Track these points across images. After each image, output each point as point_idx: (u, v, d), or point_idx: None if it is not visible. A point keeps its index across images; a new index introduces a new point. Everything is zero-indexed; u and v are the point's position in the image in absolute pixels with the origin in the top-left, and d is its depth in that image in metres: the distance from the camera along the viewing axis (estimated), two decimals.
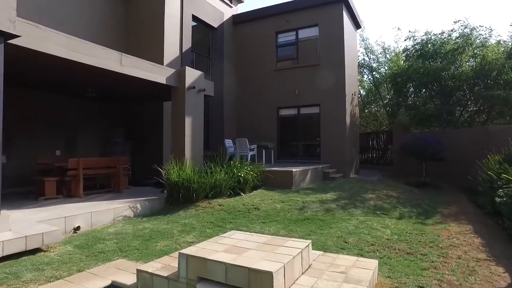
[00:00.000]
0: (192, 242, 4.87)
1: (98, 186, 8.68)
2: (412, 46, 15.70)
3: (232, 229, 5.57)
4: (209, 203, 7.09)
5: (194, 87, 8.16)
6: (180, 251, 2.98)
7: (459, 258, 4.07)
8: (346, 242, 4.77)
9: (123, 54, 6.64)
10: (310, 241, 3.26)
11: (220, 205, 6.96)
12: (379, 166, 16.26)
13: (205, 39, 13.24)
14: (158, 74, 7.51)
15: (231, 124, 13.87)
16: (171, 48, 10.39)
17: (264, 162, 11.29)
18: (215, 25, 13.05)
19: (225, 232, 5.05)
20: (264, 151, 11.61)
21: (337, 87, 12.23)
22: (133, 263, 3.97)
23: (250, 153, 11.07)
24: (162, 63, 9.49)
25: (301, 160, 12.90)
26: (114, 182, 8.21)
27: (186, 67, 8.10)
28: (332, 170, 11.40)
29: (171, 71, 7.93)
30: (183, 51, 11.11)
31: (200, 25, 12.58)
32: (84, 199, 7.14)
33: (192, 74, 8.28)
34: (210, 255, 2.84)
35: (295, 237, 5.07)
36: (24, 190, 7.81)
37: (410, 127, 15.32)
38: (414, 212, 6.95)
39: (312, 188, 8.99)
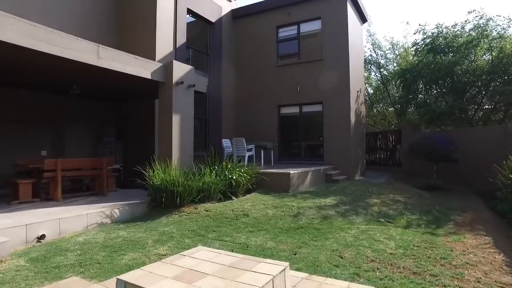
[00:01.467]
0: (164, 255, 4.26)
1: (85, 189, 8.18)
2: (422, 40, 14.79)
3: (215, 239, 4.95)
4: (195, 208, 6.47)
5: (182, 83, 7.56)
6: (119, 277, 2.35)
7: (478, 282, 3.34)
8: (341, 258, 4.08)
9: (100, 45, 6.07)
10: (287, 263, 2.59)
11: (207, 211, 6.33)
12: (387, 168, 15.44)
13: (203, 35, 12.66)
14: (141, 68, 6.93)
15: (230, 123, 13.25)
16: (164, 43, 9.81)
17: (262, 163, 10.65)
18: (213, 19, 12.45)
19: (203, 244, 4.45)
20: (262, 151, 10.96)
21: (341, 83, 11.50)
22: (86, 282, 3.35)
23: (248, 153, 10.43)
24: (154, 59, 8.91)
25: (304, 161, 12.21)
26: (99, 184, 7.65)
27: (174, 60, 7.51)
28: (335, 172, 10.68)
29: (157, 65, 7.35)
30: (177, 46, 10.51)
31: (197, 20, 12.01)
32: (62, 203, 6.60)
33: (180, 69, 7.69)
34: (153, 284, 2.21)
35: (284, 250, 4.42)
36: (2, 193, 7.32)
37: (420, 126, 14.46)
38: (423, 219, 6.20)
39: (312, 191, 8.29)
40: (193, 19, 11.93)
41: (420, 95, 15.79)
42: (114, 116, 10.71)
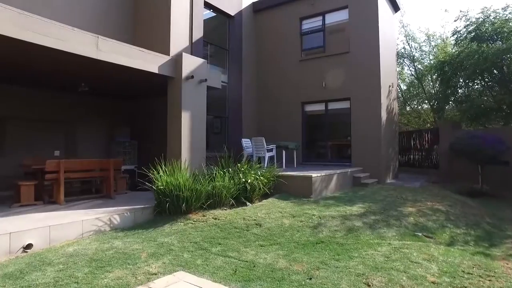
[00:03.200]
0: (155, 274, 3.63)
1: (94, 191, 7.80)
2: (464, 28, 13.25)
3: (218, 254, 4.25)
4: (203, 216, 5.81)
5: (192, 77, 6.95)
6: None
7: None
8: (368, 286, 3.24)
9: (99, 36, 5.57)
10: None
11: (215, 219, 5.65)
12: (422, 170, 14.10)
13: (222, 30, 12.07)
14: (148, 61, 6.38)
15: (251, 122, 12.58)
16: (179, 38, 9.27)
17: (284, 165, 9.87)
18: (232, 13, 11.82)
19: (203, 260, 3.79)
20: (284, 152, 10.17)
21: (371, 77, 10.47)
22: None
23: (268, 154, 9.68)
24: (168, 55, 8.40)
25: (329, 162, 11.30)
26: (106, 187, 7.21)
27: (183, 53, 6.91)
28: (364, 175, 9.68)
29: (165, 58, 6.78)
30: (193, 41, 9.97)
31: (215, 14, 11.45)
32: (64, 206, 6.19)
33: (191, 62, 7.08)
34: None
35: (298, 272, 3.64)
36: (9, 194, 7.06)
37: (461, 123, 13.01)
38: (472, 235, 5.17)
39: (336, 197, 7.40)
40: (212, 13, 11.37)
41: (460, 90, 14.26)
42: (128, 115, 10.35)
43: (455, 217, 5.98)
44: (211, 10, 11.29)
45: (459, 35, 13.62)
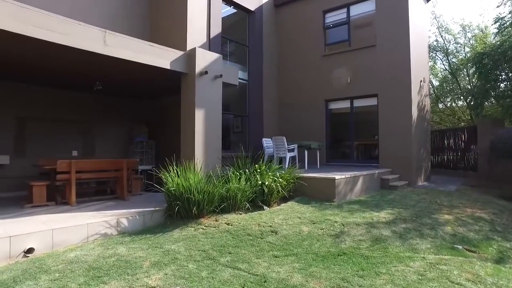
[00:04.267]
0: (155, 287, 3.25)
1: (109, 192, 7.63)
2: (510, 13, 12.02)
3: (227, 265, 3.83)
4: (216, 220, 5.41)
5: (206, 72, 6.58)
6: None
7: None
8: None
9: (107, 31, 5.31)
10: None
11: (228, 224, 5.24)
12: (457, 172, 13.05)
13: (241, 25, 11.70)
14: (159, 57, 6.07)
15: (272, 120, 12.12)
16: (196, 34, 8.98)
17: (306, 165, 9.34)
18: (252, 8, 11.42)
19: (209, 273, 3.32)
20: (306, 152, 9.63)
21: (400, 72, 9.72)
22: None
23: (289, 154, 9.19)
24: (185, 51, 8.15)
25: (355, 163, 10.64)
26: (119, 188, 7.00)
27: (197, 47, 6.56)
28: (393, 177, 8.95)
29: (178, 53, 6.45)
30: (211, 37, 9.65)
31: (234, 9, 11.10)
32: (75, 208, 6.01)
33: (205, 57, 6.72)
34: None
35: None
36: (26, 195, 7.01)
37: (504, 120, 11.86)
38: None
39: (362, 201, 6.80)
40: (231, 9, 11.03)
41: (503, 84, 13.03)
42: (146, 115, 10.19)
43: (503, 228, 5.22)
44: (232, 7, 10.95)
45: (502, 22, 12.34)
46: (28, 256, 4.16)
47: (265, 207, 6.19)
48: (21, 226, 4.53)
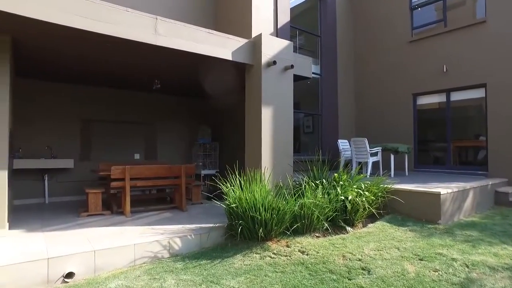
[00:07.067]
0: None
1: (169, 200, 7.04)
2: None
3: None
4: (287, 246, 4.30)
5: (275, 63, 5.50)
6: None
7: None
8: None
9: (158, 17, 4.55)
10: None
11: (303, 252, 4.08)
12: None
13: (312, 14, 10.46)
14: (218, 46, 5.17)
15: (348, 119, 10.69)
16: (262, 24, 8.02)
17: (392, 173, 7.78)
18: None
19: None
20: (393, 156, 8.03)
21: None
22: None
23: (372, 159, 7.73)
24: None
25: (452, 170, 8.69)
26: (177, 197, 6.30)
27: (263, 34, 5.52)
28: None
29: (240, 42, 5.49)
30: (279, 26, 8.60)
31: None
32: (129, 219, 5.42)
33: (273, 45, 5.66)
34: None
35: None
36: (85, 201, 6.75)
37: None
38: None
39: (478, 224, 5.10)
40: None
41: None
42: (208, 114, 9.53)
43: None
44: None
45: None
46: (67, 282, 3.52)
47: (347, 228, 4.90)
48: (64, 244, 3.95)
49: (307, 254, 4.01)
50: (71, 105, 7.43)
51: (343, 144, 8.67)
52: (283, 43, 5.83)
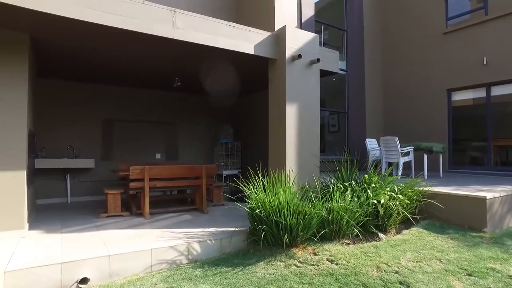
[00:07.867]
0: None
1: (189, 201, 6.84)
2: None
3: None
4: (314, 253, 3.95)
5: (300, 56, 5.15)
6: None
7: None
8: None
9: (176, 10, 4.32)
10: None
11: (332, 261, 3.72)
12: None
13: (337, 7, 10.01)
14: (239, 39, 4.88)
15: (376, 117, 10.16)
16: (285, 17, 7.69)
17: (426, 174, 7.23)
18: None
19: None
20: (426, 156, 7.47)
21: None
22: None
23: (404, 159, 7.22)
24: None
25: (493, 171, 8.02)
26: (198, 198, 6.08)
27: (287, 26, 5.18)
28: None
29: (263, 34, 5.18)
30: (303, 21, 8.25)
31: None
32: (148, 221, 5.24)
33: (298, 37, 5.31)
34: None
35: None
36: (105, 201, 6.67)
37: None
38: None
39: None
40: None
41: None
42: (231, 113, 9.30)
43: None
44: None
45: None
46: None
47: (380, 235, 4.48)
48: (80, 247, 3.79)
49: (336, 264, 3.64)
50: (93, 105, 7.39)
51: (371, 143, 8.19)
52: (309, 35, 5.47)
